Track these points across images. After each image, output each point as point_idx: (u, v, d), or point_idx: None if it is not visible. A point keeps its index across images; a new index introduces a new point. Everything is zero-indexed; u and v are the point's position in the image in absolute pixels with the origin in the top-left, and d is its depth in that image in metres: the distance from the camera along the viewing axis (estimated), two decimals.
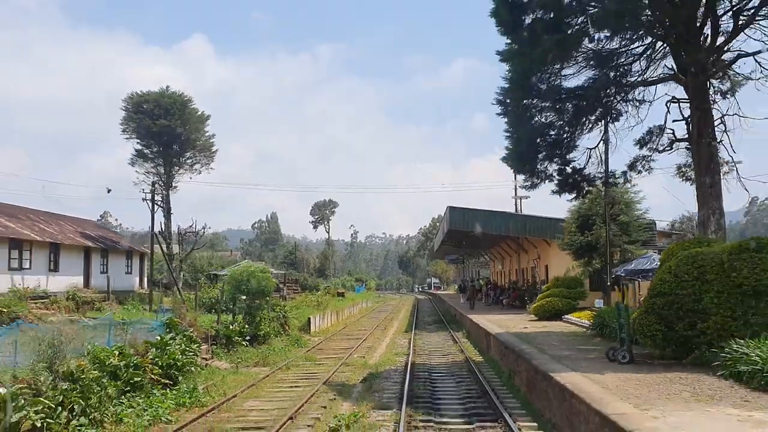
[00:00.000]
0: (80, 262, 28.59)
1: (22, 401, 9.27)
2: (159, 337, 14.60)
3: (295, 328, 27.32)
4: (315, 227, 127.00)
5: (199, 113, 37.49)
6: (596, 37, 14.80)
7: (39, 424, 9.29)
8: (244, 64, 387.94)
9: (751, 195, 40.08)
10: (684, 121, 15.15)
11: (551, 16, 14.86)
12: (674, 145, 15.47)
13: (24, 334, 10.82)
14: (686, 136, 15.15)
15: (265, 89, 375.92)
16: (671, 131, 15.44)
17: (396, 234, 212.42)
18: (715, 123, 14.86)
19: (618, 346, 12.52)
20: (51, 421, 9.55)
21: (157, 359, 13.64)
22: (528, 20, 15.34)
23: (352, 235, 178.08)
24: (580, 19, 14.16)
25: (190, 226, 31.02)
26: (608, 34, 14.92)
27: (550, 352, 13.90)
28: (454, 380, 15.49)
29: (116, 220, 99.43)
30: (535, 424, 10.61)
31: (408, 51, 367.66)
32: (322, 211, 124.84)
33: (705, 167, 14.64)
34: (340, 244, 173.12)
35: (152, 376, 12.86)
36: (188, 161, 37.22)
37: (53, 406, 9.71)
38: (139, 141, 35.80)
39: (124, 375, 12.11)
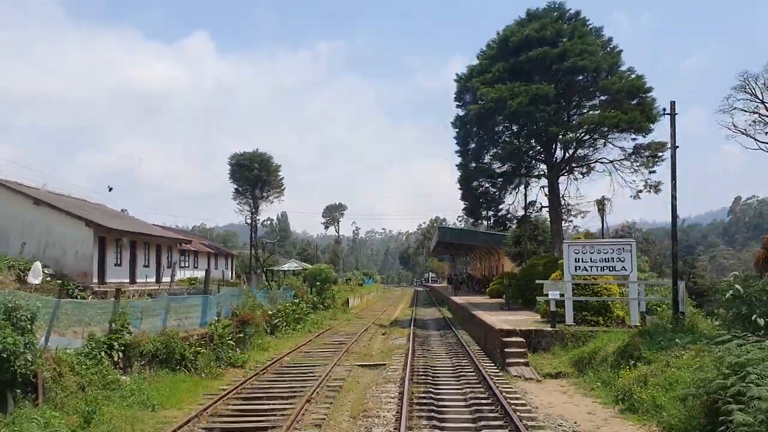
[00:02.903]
0: (205, 262, 44.81)
1: (280, 318, 25.45)
2: (294, 300, 30.80)
3: (340, 304, 43.48)
4: (326, 227, 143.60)
5: (275, 164, 54.52)
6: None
7: (279, 325, 25.49)
8: (244, 63, 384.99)
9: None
10: (547, 197, 31.34)
11: (481, 144, 31.17)
12: (542, 210, 31.69)
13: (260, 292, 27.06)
14: (548, 205, 31.31)
15: (265, 89, 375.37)
16: (540, 203, 31.71)
17: (395, 230, 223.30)
18: (560, 199, 31.05)
19: (505, 303, 28.79)
20: (280, 324, 25.77)
21: (298, 309, 29.78)
22: (471, 146, 31.67)
23: (354, 231, 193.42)
24: (491, 151, 30.44)
25: (269, 237, 46.86)
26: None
27: (480, 308, 29.93)
28: (435, 322, 31.86)
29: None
30: (464, 331, 26.79)
31: (408, 50, 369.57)
32: (333, 213, 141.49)
33: (554, 221, 30.88)
34: (343, 239, 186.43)
35: (299, 315, 29.05)
36: (265, 194, 53.62)
37: (280, 319, 25.92)
38: (237, 184, 52.28)
39: (291, 314, 28.25)
